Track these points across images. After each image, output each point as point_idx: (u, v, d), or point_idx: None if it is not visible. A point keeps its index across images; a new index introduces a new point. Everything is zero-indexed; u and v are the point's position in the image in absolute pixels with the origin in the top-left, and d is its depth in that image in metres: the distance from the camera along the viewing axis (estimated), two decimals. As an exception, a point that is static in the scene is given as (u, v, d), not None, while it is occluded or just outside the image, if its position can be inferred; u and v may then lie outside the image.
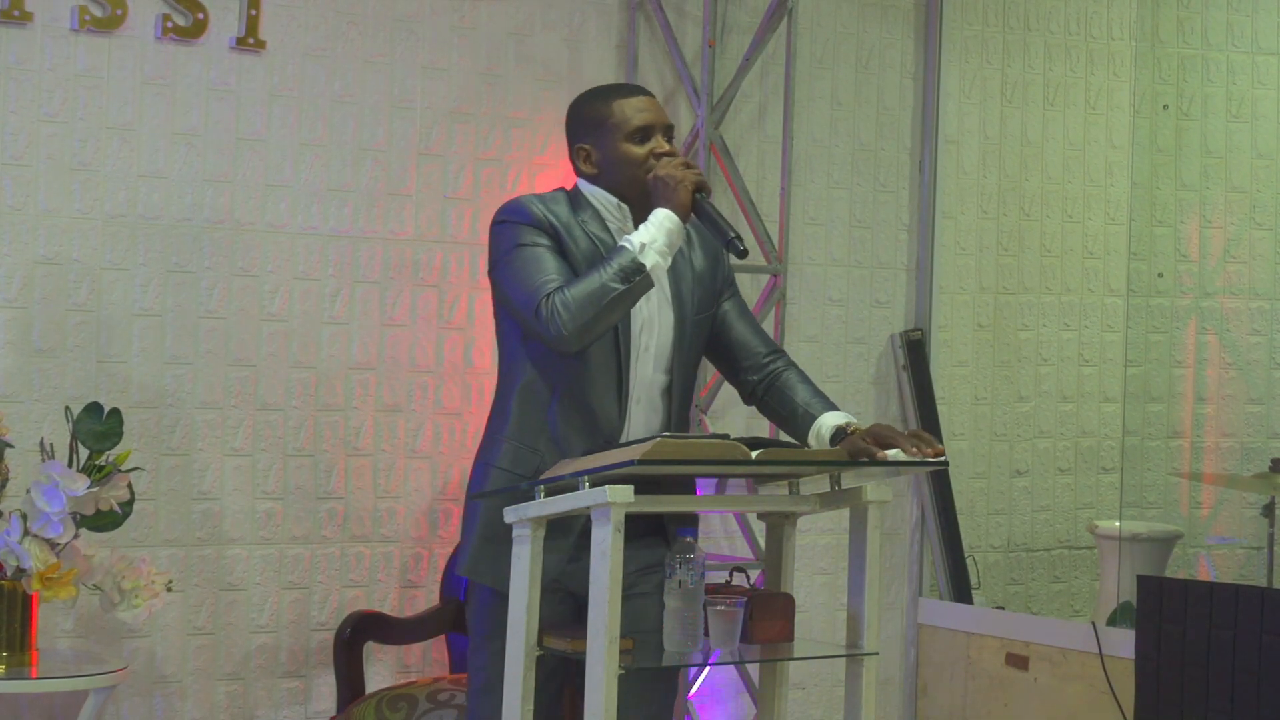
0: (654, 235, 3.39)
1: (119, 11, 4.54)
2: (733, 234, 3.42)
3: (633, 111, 3.53)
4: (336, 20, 4.83)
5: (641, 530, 3.37)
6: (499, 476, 3.49)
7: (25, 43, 4.47)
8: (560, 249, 3.46)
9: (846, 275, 5.53)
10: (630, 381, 3.48)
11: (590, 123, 3.57)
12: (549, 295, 3.37)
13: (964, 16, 5.70)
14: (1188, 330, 5.81)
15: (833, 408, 3.53)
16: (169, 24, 4.60)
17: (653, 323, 3.52)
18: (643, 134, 3.52)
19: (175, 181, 4.64)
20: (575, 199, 3.56)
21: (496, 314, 3.61)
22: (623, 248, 3.38)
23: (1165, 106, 5.80)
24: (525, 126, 5.08)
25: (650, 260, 3.37)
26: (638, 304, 3.47)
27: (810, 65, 5.48)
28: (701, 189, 3.45)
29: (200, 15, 4.64)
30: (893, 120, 5.61)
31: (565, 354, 3.42)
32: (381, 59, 4.90)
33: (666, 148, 3.52)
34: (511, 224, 3.50)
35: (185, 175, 4.65)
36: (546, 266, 3.42)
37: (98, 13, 4.52)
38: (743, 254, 3.43)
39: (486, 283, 4.96)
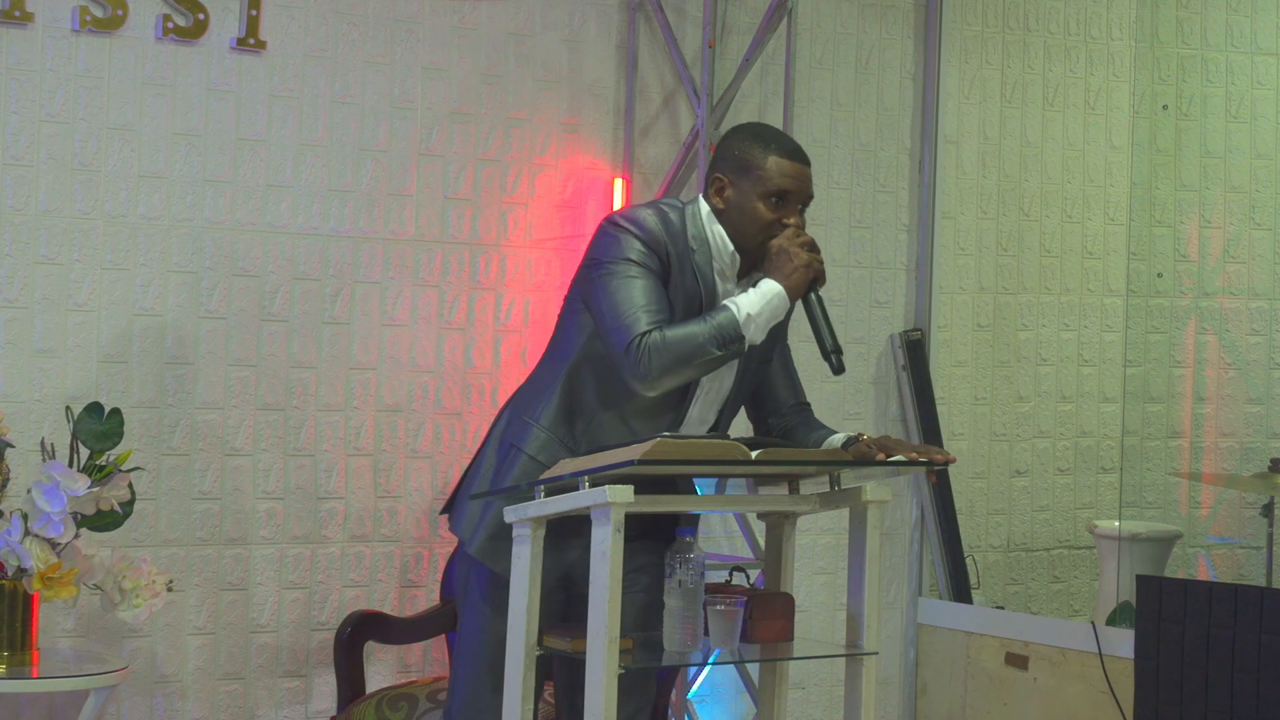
0: (760, 309, 3.36)
1: (119, 12, 4.54)
2: (831, 346, 3.38)
3: (779, 173, 3.45)
4: (337, 21, 4.84)
5: (636, 533, 3.35)
6: (526, 464, 3.46)
7: (26, 43, 4.47)
8: (665, 277, 3.41)
9: (846, 275, 5.53)
10: (684, 421, 3.50)
11: (738, 160, 3.50)
12: (645, 334, 3.31)
13: (964, 17, 5.70)
14: (1187, 330, 5.81)
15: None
16: (169, 24, 4.60)
17: (721, 370, 3.50)
18: (780, 198, 3.45)
19: (175, 182, 4.64)
20: (694, 221, 3.49)
21: (570, 300, 3.54)
22: (728, 310, 3.35)
23: (1164, 107, 5.80)
24: (525, 126, 5.08)
25: (750, 334, 3.35)
26: None
27: (810, 65, 5.48)
28: (819, 280, 3.41)
29: (201, 16, 4.64)
30: (893, 120, 5.61)
31: (637, 392, 3.37)
32: (381, 59, 4.90)
33: (793, 221, 3.45)
34: (627, 234, 3.42)
35: (186, 175, 4.65)
36: (648, 297, 3.36)
37: (98, 13, 4.53)
38: (838, 370, 3.37)
39: (486, 283, 5.02)
